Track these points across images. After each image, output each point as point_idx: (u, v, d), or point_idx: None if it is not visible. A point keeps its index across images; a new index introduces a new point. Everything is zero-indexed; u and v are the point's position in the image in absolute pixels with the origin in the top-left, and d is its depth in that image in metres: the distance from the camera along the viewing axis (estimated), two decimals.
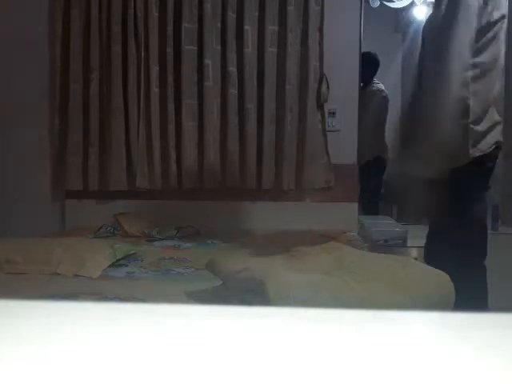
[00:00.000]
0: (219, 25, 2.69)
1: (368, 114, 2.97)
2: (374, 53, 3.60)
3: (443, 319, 0.45)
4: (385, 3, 3.61)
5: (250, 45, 2.68)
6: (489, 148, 1.84)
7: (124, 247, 2.07)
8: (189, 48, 2.68)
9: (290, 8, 2.67)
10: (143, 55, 2.69)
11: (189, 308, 0.50)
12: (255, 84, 2.70)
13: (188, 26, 2.68)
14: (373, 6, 3.56)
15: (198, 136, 2.72)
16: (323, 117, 2.77)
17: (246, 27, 2.67)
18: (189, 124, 2.71)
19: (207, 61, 2.68)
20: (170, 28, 2.68)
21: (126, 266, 1.94)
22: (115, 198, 2.82)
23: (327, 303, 1.19)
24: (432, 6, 2.11)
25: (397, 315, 0.44)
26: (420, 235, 2.16)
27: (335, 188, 2.78)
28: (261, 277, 1.28)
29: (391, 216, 3.59)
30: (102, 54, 2.72)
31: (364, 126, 2.90)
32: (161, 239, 2.48)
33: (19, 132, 2.84)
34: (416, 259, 2.09)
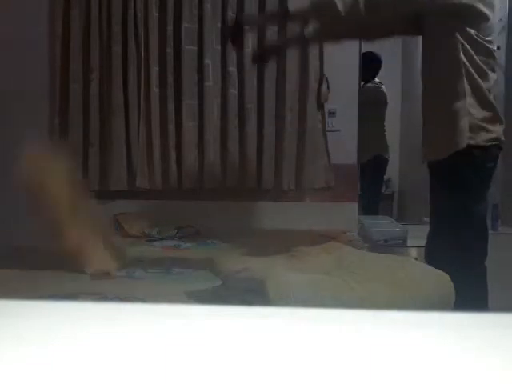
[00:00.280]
0: (219, 25, 2.70)
1: (366, 110, 2.96)
2: (377, 53, 3.60)
3: (443, 319, 0.45)
4: None
5: (250, 45, 2.68)
6: (486, 142, 1.83)
7: None
8: (189, 48, 2.68)
9: (290, 8, 2.66)
10: (143, 55, 2.69)
11: (189, 308, 0.50)
12: (255, 84, 2.70)
13: (188, 26, 2.68)
14: None
15: (198, 136, 2.72)
16: (323, 117, 2.77)
17: (246, 27, 2.67)
18: (189, 124, 2.71)
19: (207, 61, 2.68)
20: (170, 28, 2.68)
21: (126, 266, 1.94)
22: (115, 198, 2.82)
23: (327, 303, 1.19)
24: None
25: (397, 315, 0.44)
26: (420, 235, 2.16)
27: (335, 188, 2.77)
28: (261, 277, 1.28)
29: (391, 216, 3.59)
30: (102, 54, 2.72)
31: (363, 123, 2.89)
32: (161, 239, 2.48)
33: (19, 132, 2.84)
34: (416, 259, 2.09)
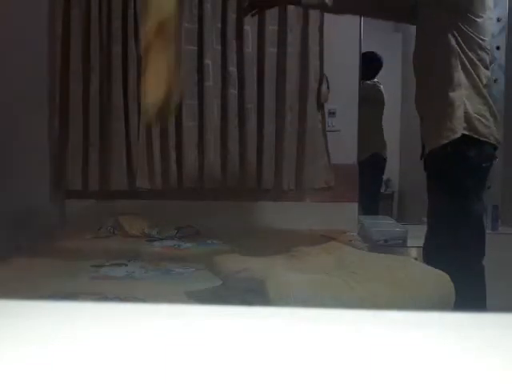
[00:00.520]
0: (219, 25, 2.69)
1: (364, 108, 2.96)
2: (378, 53, 3.60)
3: (443, 319, 0.45)
4: None
5: (250, 45, 2.68)
6: (480, 136, 1.84)
7: None
8: (189, 48, 2.68)
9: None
10: None
11: (189, 308, 0.50)
12: (255, 84, 2.70)
13: (188, 26, 2.68)
14: None
15: (198, 136, 2.72)
16: (323, 117, 2.77)
17: (246, 27, 2.67)
18: (189, 124, 2.71)
19: (207, 61, 2.68)
20: None
21: (126, 266, 1.94)
22: (115, 198, 2.82)
23: (327, 303, 1.19)
24: None
25: (397, 315, 0.44)
26: (420, 235, 2.16)
27: (335, 188, 2.77)
28: (261, 277, 1.28)
29: (391, 216, 3.59)
30: (102, 54, 2.72)
31: (360, 121, 2.89)
32: (161, 239, 2.48)
33: (19, 132, 2.84)
34: (416, 259, 2.09)
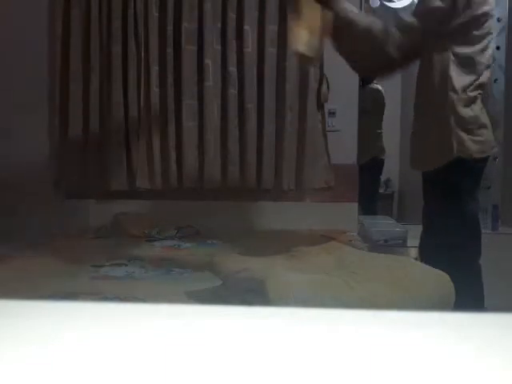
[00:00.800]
0: (219, 25, 2.69)
1: (365, 112, 2.96)
2: None
3: (443, 319, 0.44)
4: (385, 3, 3.60)
5: (250, 45, 2.68)
6: (475, 153, 1.83)
7: None
8: (189, 48, 2.68)
9: (290, 8, 2.66)
10: (143, 55, 2.69)
11: (189, 308, 0.50)
12: (255, 84, 2.70)
13: (188, 26, 2.68)
14: (373, 6, 3.55)
15: (198, 136, 2.72)
16: (323, 117, 2.77)
17: (246, 27, 2.67)
18: (189, 124, 2.71)
19: (207, 61, 2.68)
20: (170, 28, 2.67)
21: (126, 266, 1.94)
22: (115, 198, 2.82)
23: (327, 303, 1.19)
24: None
25: (397, 315, 0.44)
26: (420, 235, 2.16)
27: (335, 188, 2.77)
28: (261, 277, 1.28)
29: (391, 216, 3.59)
30: (102, 54, 2.72)
31: (361, 125, 2.89)
32: (161, 239, 2.48)
33: (19, 132, 2.84)
34: (416, 259, 2.09)
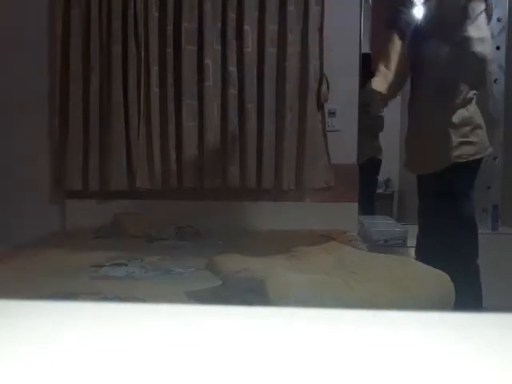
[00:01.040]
0: (219, 25, 2.69)
1: (364, 112, 2.96)
2: None
3: (443, 319, 0.44)
4: None
5: (250, 45, 2.68)
6: (471, 156, 1.84)
7: None
8: (189, 48, 2.68)
9: (290, 8, 2.67)
10: (143, 55, 2.69)
11: (189, 308, 0.50)
12: (255, 84, 2.70)
13: (188, 26, 2.68)
14: None
15: (198, 136, 2.72)
16: (323, 117, 2.77)
17: (246, 27, 2.67)
18: (189, 124, 2.71)
19: (207, 61, 2.68)
20: (170, 28, 2.68)
21: (126, 266, 1.94)
22: (115, 198, 2.82)
23: (327, 303, 1.19)
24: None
25: (397, 315, 0.44)
26: None
27: (335, 188, 2.77)
28: (261, 277, 1.28)
29: (391, 216, 3.59)
30: (102, 54, 2.72)
31: (360, 125, 2.89)
32: (161, 239, 2.48)
33: (19, 132, 2.84)
34: (416, 259, 2.09)
